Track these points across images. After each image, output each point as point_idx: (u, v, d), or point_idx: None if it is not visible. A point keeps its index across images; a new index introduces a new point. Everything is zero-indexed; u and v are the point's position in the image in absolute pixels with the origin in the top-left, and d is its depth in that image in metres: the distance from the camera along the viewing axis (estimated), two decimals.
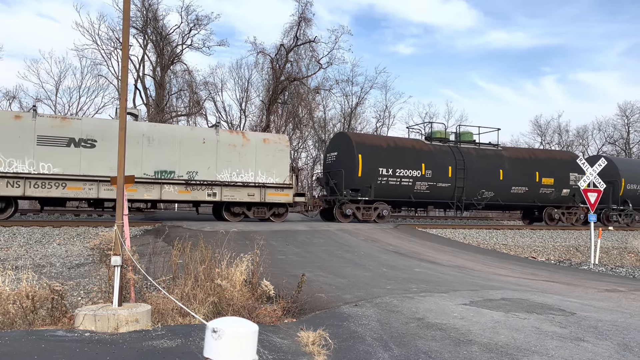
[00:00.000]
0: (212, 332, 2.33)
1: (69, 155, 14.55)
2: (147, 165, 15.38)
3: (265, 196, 17.00)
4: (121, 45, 6.26)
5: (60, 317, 5.39)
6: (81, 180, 14.67)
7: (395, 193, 19.02)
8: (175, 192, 15.89)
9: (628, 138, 51.44)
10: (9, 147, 13.92)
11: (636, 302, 7.09)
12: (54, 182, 14.43)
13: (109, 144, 14.63)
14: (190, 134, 16.65)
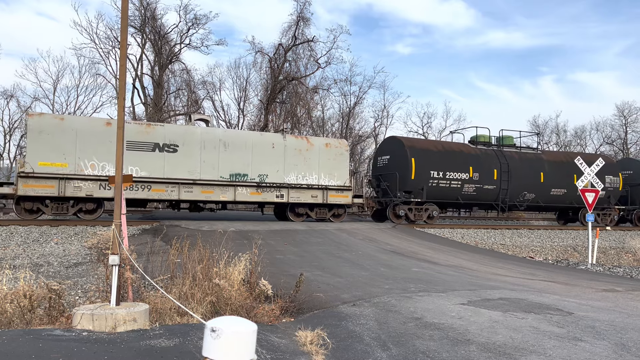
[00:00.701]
0: (211, 332, 2.33)
1: (154, 159, 15.58)
2: (224, 168, 16.42)
3: (327, 198, 18.02)
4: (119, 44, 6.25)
5: (58, 316, 5.38)
6: (164, 183, 15.68)
7: (445, 194, 19.89)
8: (247, 194, 16.89)
9: (626, 138, 51.55)
10: (102, 152, 14.87)
11: (633, 302, 7.10)
12: (140, 184, 15.37)
13: (189, 148, 15.97)
14: (261, 139, 17.62)
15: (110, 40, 34.09)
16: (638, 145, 51.70)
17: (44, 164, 14.28)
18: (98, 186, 14.83)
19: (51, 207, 14.69)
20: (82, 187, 14.73)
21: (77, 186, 14.67)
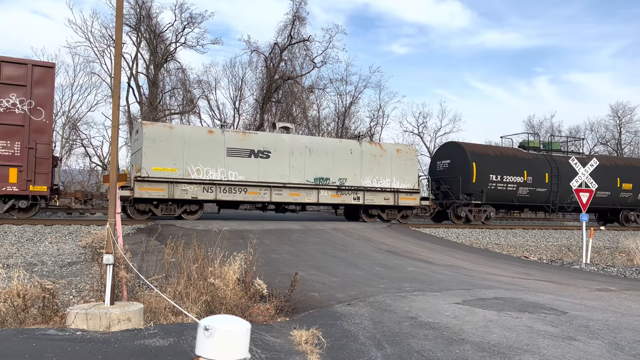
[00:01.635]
0: (204, 330, 2.32)
1: (250, 164, 16.87)
2: (309, 173, 17.72)
3: (398, 200, 19.21)
4: (114, 42, 6.22)
5: (52, 315, 5.36)
6: (257, 186, 16.95)
7: (501, 197, 21.23)
8: (329, 196, 18.13)
9: (620, 138, 51.82)
10: (206, 158, 16.23)
11: (627, 302, 7.14)
12: (237, 187, 16.71)
13: (280, 155, 17.28)
14: (340, 145, 18.85)
15: (105, 38, 34.00)
16: (632, 146, 51.99)
17: (157, 169, 15.59)
18: (202, 189, 16.18)
19: (161, 208, 16.00)
20: (188, 190, 16.04)
21: (184, 189, 15.98)
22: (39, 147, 13.66)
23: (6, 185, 13.29)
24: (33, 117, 13.66)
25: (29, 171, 13.51)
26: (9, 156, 13.36)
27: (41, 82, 13.80)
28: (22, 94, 13.53)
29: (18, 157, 13.43)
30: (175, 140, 15.90)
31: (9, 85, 13.38)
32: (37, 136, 13.69)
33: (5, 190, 13.34)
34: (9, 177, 13.30)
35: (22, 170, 13.43)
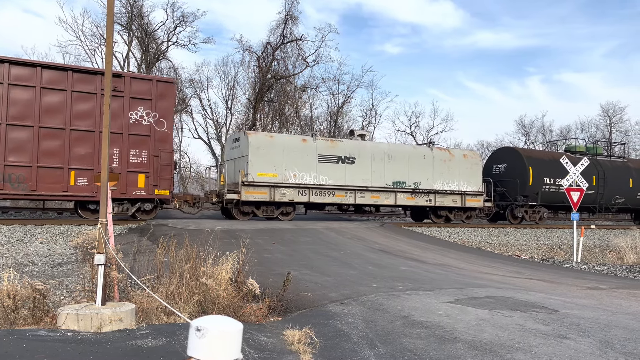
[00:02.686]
0: (196, 331, 2.31)
1: (337, 169, 18.35)
2: (388, 177, 19.16)
3: (465, 202, 20.67)
4: (105, 41, 6.17)
5: (43, 316, 5.32)
6: (344, 190, 18.43)
7: (554, 198, 22.66)
8: (405, 199, 19.53)
9: (610, 138, 52.18)
10: (301, 164, 17.77)
11: (617, 300, 7.19)
12: (327, 191, 18.22)
13: (363, 160, 18.76)
14: (414, 151, 20.39)
15: (96, 37, 33.81)
16: (622, 145, 52.39)
17: (261, 174, 17.19)
18: (297, 192, 17.77)
19: (262, 210, 17.58)
20: (286, 193, 17.62)
21: (283, 192, 17.56)
22: (162, 155, 15.09)
23: (136, 190, 14.74)
24: (157, 128, 15.09)
25: (155, 177, 14.95)
26: (138, 163, 14.79)
27: (163, 96, 15.18)
28: (148, 107, 14.93)
29: (145, 164, 14.86)
30: (275, 148, 17.53)
31: (137, 100, 14.75)
32: (160, 145, 15.11)
33: (135, 194, 14.76)
34: (138, 182, 14.75)
35: (149, 176, 14.88)
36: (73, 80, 14.04)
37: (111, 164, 14.03)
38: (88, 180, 14.04)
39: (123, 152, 14.59)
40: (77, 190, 14.11)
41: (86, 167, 14.11)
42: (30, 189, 13.60)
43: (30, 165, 13.56)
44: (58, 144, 13.88)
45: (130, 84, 14.70)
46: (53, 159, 13.82)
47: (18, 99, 13.44)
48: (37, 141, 13.65)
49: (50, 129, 13.81)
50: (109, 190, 5.71)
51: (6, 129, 13.30)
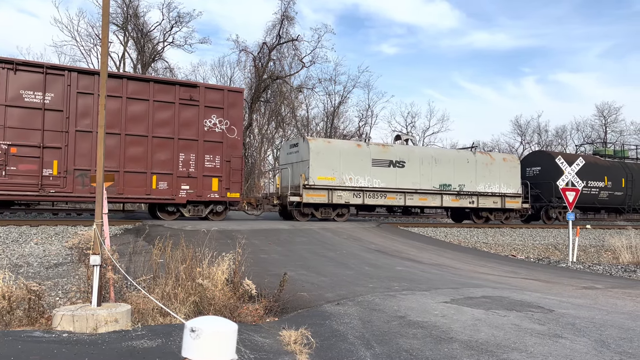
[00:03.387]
0: (191, 332, 2.31)
1: (389, 173, 19.20)
2: (435, 180, 20.07)
3: (505, 203, 21.64)
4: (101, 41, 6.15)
5: (38, 317, 5.30)
6: (394, 192, 19.29)
7: (585, 200, 23.66)
8: (450, 201, 20.44)
9: (605, 138, 52.42)
10: (356, 168, 18.65)
11: (613, 299, 7.22)
12: (380, 193, 19.06)
13: (412, 164, 19.65)
14: (458, 155, 21.30)
15: (91, 37, 33.75)
16: (617, 146, 52.58)
17: (321, 177, 18.11)
18: (352, 195, 18.67)
19: (320, 211, 18.47)
20: (342, 195, 18.53)
21: (339, 195, 18.48)
22: (233, 160, 16.26)
23: (210, 193, 15.89)
24: (228, 135, 16.26)
25: (227, 180, 16.14)
26: (212, 168, 15.95)
27: (233, 104, 16.37)
28: (220, 115, 16.10)
29: (218, 169, 16.04)
30: (332, 153, 18.45)
31: (210, 108, 15.88)
32: (231, 151, 16.31)
33: (210, 197, 15.89)
34: (212, 185, 15.90)
35: (222, 180, 16.07)
36: (154, 90, 15.23)
37: (189, 169, 15.70)
38: (168, 184, 15.38)
39: (199, 158, 15.76)
40: (159, 194, 15.33)
41: (166, 171, 15.34)
42: (117, 192, 14.69)
43: (118, 170, 14.66)
44: (141, 150, 15.05)
45: (204, 93, 15.86)
46: (137, 164, 15.00)
47: (108, 109, 14.02)
48: (123, 148, 14.80)
49: (135, 136, 14.95)
50: (104, 190, 5.69)
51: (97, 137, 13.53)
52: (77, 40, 34.30)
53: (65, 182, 14.14)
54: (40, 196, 14.19)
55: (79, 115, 14.33)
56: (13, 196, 13.94)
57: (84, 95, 14.37)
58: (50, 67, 14.36)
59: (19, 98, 13.73)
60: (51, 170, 13.99)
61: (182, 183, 15.57)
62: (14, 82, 13.71)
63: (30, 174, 13.81)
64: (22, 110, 13.75)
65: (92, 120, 14.29)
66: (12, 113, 13.66)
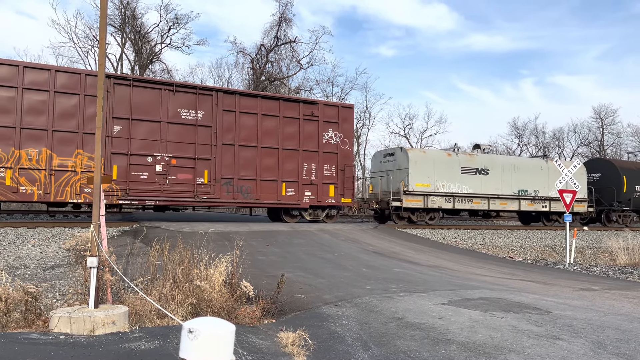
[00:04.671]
0: (188, 333, 2.31)
1: (475, 180, 20.83)
2: (514, 186, 21.69)
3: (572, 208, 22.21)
4: (98, 43, 6.15)
5: (35, 319, 5.29)
6: (480, 197, 20.90)
7: None
8: (526, 205, 22.07)
9: (602, 140, 52.55)
10: (446, 175, 20.26)
11: (610, 301, 7.23)
12: (467, 198, 20.66)
13: (495, 172, 21.28)
14: (533, 163, 23.11)
15: (89, 39, 33.72)
16: (614, 147, 52.76)
17: (419, 184, 19.64)
18: (444, 200, 20.21)
19: (417, 215, 20.01)
20: (436, 200, 20.04)
21: (433, 200, 19.96)
22: (346, 169, 18.20)
23: (328, 198, 17.77)
24: (342, 147, 18.12)
25: (341, 187, 17.98)
26: (329, 176, 17.84)
27: (346, 119, 18.30)
28: (335, 128, 18.00)
29: (334, 177, 17.90)
30: (427, 162, 20.05)
31: (327, 123, 17.84)
32: (345, 161, 18.17)
33: (327, 202, 17.77)
34: (329, 192, 17.78)
35: (337, 187, 17.92)
36: (283, 107, 17.12)
37: (310, 177, 17.60)
38: (294, 190, 17.28)
39: (319, 167, 17.67)
40: (287, 199, 17.23)
41: (292, 179, 17.23)
42: (254, 198, 16.70)
43: (255, 179, 16.66)
44: (273, 161, 16.97)
45: (323, 109, 17.84)
46: (270, 173, 16.94)
47: (246, 124, 16.56)
48: (259, 159, 16.75)
49: (268, 148, 16.88)
50: (101, 192, 5.68)
51: (238, 149, 16.35)
52: (75, 41, 34.31)
53: (214, 189, 16.04)
54: (195, 202, 15.97)
55: (224, 130, 16.23)
56: (174, 202, 15.75)
57: (227, 113, 16.30)
58: (201, 88, 16.46)
59: (177, 116, 15.61)
60: (203, 179, 15.89)
61: (305, 190, 17.46)
62: (173, 102, 15.59)
63: (186, 182, 15.70)
64: (180, 127, 15.63)
65: (234, 135, 16.34)
66: (172, 129, 15.50)
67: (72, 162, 14.28)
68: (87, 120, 14.39)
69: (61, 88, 14.28)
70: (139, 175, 15.06)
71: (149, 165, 15.19)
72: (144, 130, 15.19)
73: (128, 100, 15.00)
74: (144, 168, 15.14)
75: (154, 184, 15.23)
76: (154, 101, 15.34)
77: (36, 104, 14.02)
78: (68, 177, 14.28)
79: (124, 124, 14.97)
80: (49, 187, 14.05)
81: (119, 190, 14.82)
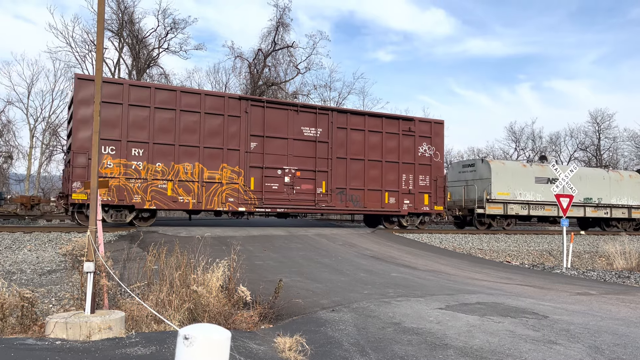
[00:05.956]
0: (184, 339, 2.31)
1: (546, 188, 22.58)
2: (580, 194, 23.13)
3: (631, 214, 25.73)
4: (96, 48, 6.14)
5: (31, 325, 5.26)
6: (550, 205, 22.85)
7: None
8: (590, 211, 24.32)
9: (599, 144, 52.71)
10: (522, 184, 22.35)
11: (607, 305, 7.24)
12: (539, 206, 22.97)
13: None
14: (596, 173, 25.54)
15: (86, 43, 33.70)
16: (611, 152, 52.92)
17: (500, 193, 21.70)
18: (520, 207, 22.36)
19: (496, 221, 22.15)
20: (514, 208, 22.17)
21: (511, 207, 22.13)
22: (438, 179, 19.72)
23: (423, 206, 19.49)
24: (434, 159, 19.76)
25: (434, 196, 19.61)
26: (424, 186, 19.47)
27: (437, 134, 19.87)
28: (428, 142, 19.63)
29: (428, 187, 19.53)
30: (506, 173, 22.13)
31: (422, 137, 19.47)
32: (437, 172, 19.78)
33: (422, 210, 19.47)
34: (424, 200, 19.46)
35: (431, 196, 19.54)
36: (385, 124, 18.88)
37: (408, 187, 19.21)
38: (395, 199, 18.94)
39: (415, 178, 19.33)
40: (389, 207, 18.92)
41: (393, 189, 18.92)
42: (362, 205, 18.42)
43: (363, 189, 18.39)
44: (377, 173, 18.72)
45: (418, 125, 19.50)
46: (375, 183, 18.65)
47: (355, 140, 18.41)
48: (366, 171, 18.50)
49: (373, 161, 18.63)
50: (98, 197, 5.67)
51: (349, 162, 18.22)
52: (72, 46, 34.25)
53: (331, 198, 17.91)
54: (316, 209, 17.88)
55: (337, 145, 18.05)
56: (299, 209, 17.72)
57: (339, 130, 18.14)
58: (320, 108, 18.38)
59: (300, 133, 17.55)
60: (321, 189, 17.79)
61: (404, 198, 19.13)
62: (296, 121, 17.52)
63: (308, 192, 17.60)
64: (303, 142, 17.57)
65: (345, 149, 18.20)
66: (296, 145, 17.45)
67: (218, 175, 16.18)
68: (229, 138, 16.41)
69: (209, 109, 16.21)
70: (271, 186, 17.03)
71: (279, 177, 17.18)
72: (274, 146, 17.15)
73: (261, 120, 16.97)
74: (275, 180, 17.12)
75: (282, 193, 17.19)
76: (282, 120, 17.33)
77: (190, 124, 15.93)
78: (215, 188, 16.18)
79: (258, 141, 16.91)
80: (201, 196, 15.92)
81: (255, 199, 16.72)
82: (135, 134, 15.15)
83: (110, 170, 14.79)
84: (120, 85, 15.32)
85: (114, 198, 14.72)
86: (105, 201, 14.34)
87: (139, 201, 15.02)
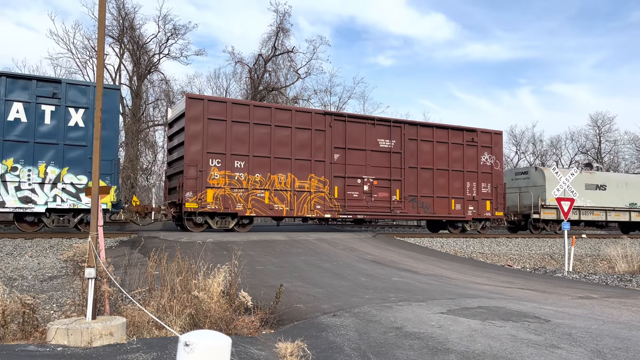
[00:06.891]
0: (185, 346, 2.31)
1: (595, 195, 24.22)
2: (626, 200, 25.06)
3: None
4: (96, 54, 6.18)
5: (32, 331, 5.26)
6: (598, 210, 24.28)
7: None
8: (635, 216, 25.49)
9: (599, 148, 52.71)
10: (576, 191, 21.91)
11: (609, 309, 7.23)
12: (589, 211, 24.04)
13: (610, 187, 24.68)
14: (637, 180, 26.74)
15: (87, 50, 33.76)
16: (611, 155, 52.91)
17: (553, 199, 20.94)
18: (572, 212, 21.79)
19: (550, 226, 23.33)
20: None
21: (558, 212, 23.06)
22: (498, 187, 21.06)
23: (485, 212, 20.73)
24: (495, 168, 20.99)
25: (495, 202, 20.92)
26: (486, 193, 20.73)
27: (496, 144, 21.24)
28: (489, 152, 20.95)
29: (489, 194, 20.81)
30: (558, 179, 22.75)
31: (483, 147, 20.79)
32: (497, 180, 21.08)
33: (485, 215, 20.72)
34: (486, 206, 20.73)
35: (492, 202, 20.84)
36: (451, 135, 20.11)
37: (472, 194, 20.42)
38: (460, 205, 20.13)
39: (478, 185, 20.56)
40: (455, 213, 20.14)
41: (458, 196, 20.14)
42: (432, 212, 19.68)
43: (432, 196, 19.64)
44: (444, 181, 19.96)
45: (480, 136, 20.74)
46: (442, 191, 19.87)
47: (424, 150, 19.65)
48: (435, 179, 19.72)
49: (440, 170, 19.87)
50: (99, 203, 5.68)
51: (419, 171, 19.43)
52: (73, 52, 34.33)
53: (404, 205, 19.10)
54: (392, 215, 19.13)
55: (409, 156, 19.26)
56: (377, 215, 19.14)
57: (410, 141, 19.36)
58: (394, 121, 19.48)
59: (376, 144, 18.81)
60: (395, 196, 18.99)
61: (469, 205, 20.33)
62: (373, 134, 18.80)
63: (384, 199, 18.85)
64: (378, 153, 18.83)
65: (416, 159, 19.38)
66: (373, 155, 18.71)
67: (307, 184, 17.57)
68: (316, 150, 17.78)
69: (298, 124, 17.58)
70: (352, 194, 18.33)
71: (359, 186, 18.49)
72: (354, 157, 18.45)
73: (343, 133, 18.31)
74: (355, 188, 18.43)
75: (362, 201, 18.46)
76: (361, 133, 18.62)
77: (282, 137, 17.33)
78: (305, 197, 17.56)
79: (341, 153, 18.25)
80: (293, 204, 17.34)
81: (339, 206, 18.09)
82: (237, 147, 16.64)
83: (217, 181, 16.30)
84: (224, 103, 16.90)
85: (220, 206, 16.25)
86: (213, 209, 16.16)
87: (241, 209, 16.60)
